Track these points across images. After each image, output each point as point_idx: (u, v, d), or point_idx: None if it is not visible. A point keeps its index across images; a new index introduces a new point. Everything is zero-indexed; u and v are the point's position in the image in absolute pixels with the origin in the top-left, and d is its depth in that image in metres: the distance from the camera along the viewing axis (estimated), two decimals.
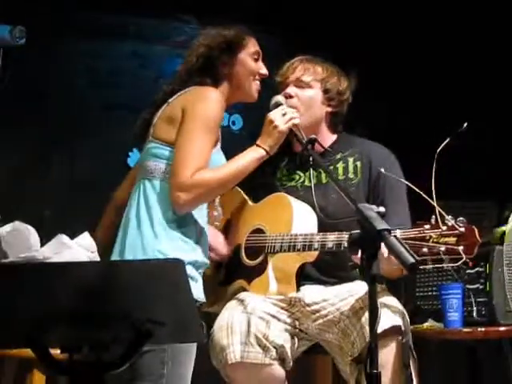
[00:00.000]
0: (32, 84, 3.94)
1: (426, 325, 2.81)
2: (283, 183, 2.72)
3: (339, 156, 2.70)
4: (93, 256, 1.68)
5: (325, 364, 2.78)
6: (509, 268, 2.61)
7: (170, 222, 2.29)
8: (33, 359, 1.68)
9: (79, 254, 1.64)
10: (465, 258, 2.17)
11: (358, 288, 2.47)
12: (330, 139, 2.74)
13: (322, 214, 2.55)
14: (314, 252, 2.49)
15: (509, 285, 2.61)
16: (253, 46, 2.53)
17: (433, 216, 2.21)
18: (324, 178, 2.65)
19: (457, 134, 2.27)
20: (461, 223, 2.20)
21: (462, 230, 2.18)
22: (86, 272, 1.56)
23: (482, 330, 2.64)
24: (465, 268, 2.73)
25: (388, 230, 1.83)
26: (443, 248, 2.19)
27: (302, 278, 2.57)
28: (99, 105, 4.19)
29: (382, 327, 2.30)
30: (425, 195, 2.18)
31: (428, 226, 2.23)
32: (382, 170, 2.50)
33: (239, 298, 2.55)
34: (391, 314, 2.42)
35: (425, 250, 2.21)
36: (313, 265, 2.57)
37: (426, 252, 2.21)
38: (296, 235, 2.48)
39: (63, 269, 1.56)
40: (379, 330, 2.23)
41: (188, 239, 2.31)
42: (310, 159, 2.43)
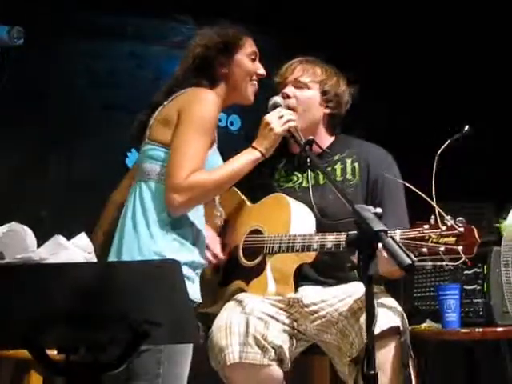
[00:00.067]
0: (32, 84, 3.93)
1: (423, 325, 2.80)
2: (281, 184, 2.72)
3: (337, 157, 2.70)
4: (89, 257, 1.68)
5: (322, 365, 2.79)
6: (506, 269, 2.60)
7: (165, 224, 2.28)
8: (30, 360, 1.68)
9: (76, 254, 1.64)
10: (464, 258, 2.18)
11: (357, 289, 2.47)
12: (327, 141, 2.74)
13: (320, 214, 2.55)
14: (312, 253, 2.49)
15: (506, 286, 2.61)
16: (250, 46, 2.51)
17: (432, 216, 2.22)
18: (322, 179, 2.64)
19: (459, 136, 2.27)
20: (460, 223, 2.20)
21: (462, 230, 2.19)
22: (83, 273, 1.56)
23: (480, 330, 2.64)
24: (464, 268, 2.73)
25: (385, 231, 1.83)
26: (443, 248, 2.19)
27: (301, 278, 2.57)
28: (98, 105, 4.19)
29: (380, 328, 2.30)
30: (424, 195, 2.18)
31: (427, 226, 2.23)
32: (383, 172, 2.50)
33: (237, 299, 2.55)
34: (389, 314, 2.42)
35: (424, 250, 2.22)
36: (311, 265, 2.57)
37: (426, 252, 2.22)
38: (294, 236, 2.48)
39: (60, 270, 1.56)
40: (377, 330, 2.25)
41: (184, 240, 2.30)
42: (308, 160, 2.43)
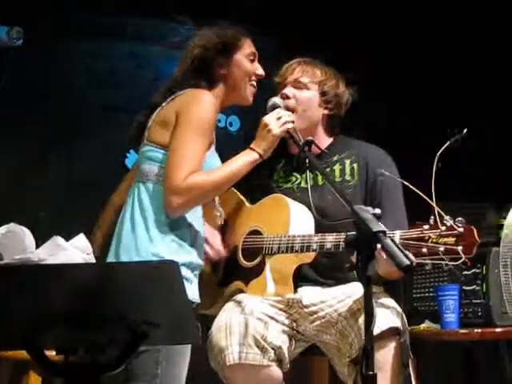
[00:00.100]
0: (32, 84, 3.93)
1: (422, 326, 2.81)
2: (280, 185, 2.72)
3: (336, 158, 2.70)
4: (88, 258, 1.68)
5: (321, 365, 2.78)
6: (505, 269, 2.60)
7: (163, 225, 2.29)
8: (28, 361, 1.68)
9: (74, 255, 1.64)
10: (464, 258, 2.18)
11: (356, 289, 2.46)
12: (326, 141, 2.74)
13: (319, 215, 2.54)
14: (311, 253, 2.49)
15: (505, 286, 2.61)
16: (248, 46, 2.51)
17: (432, 216, 2.22)
18: (320, 179, 2.64)
19: (457, 138, 2.28)
20: (459, 223, 2.20)
21: (461, 230, 2.19)
22: (82, 274, 1.56)
23: (479, 331, 2.65)
24: (462, 268, 2.73)
25: (383, 232, 1.83)
26: (442, 248, 2.19)
27: (300, 279, 2.57)
28: (98, 105, 4.19)
29: (379, 328, 2.30)
30: (424, 195, 2.18)
31: (427, 227, 2.23)
32: (383, 170, 2.50)
33: (237, 300, 2.54)
34: (389, 315, 2.41)
35: (424, 250, 2.22)
36: (310, 266, 2.57)
37: (426, 252, 2.22)
38: (294, 236, 2.48)
39: (58, 271, 1.56)
40: (377, 331, 2.25)
41: (182, 241, 2.31)
42: (307, 161, 2.43)
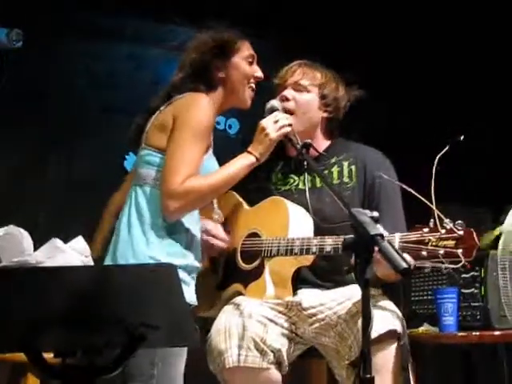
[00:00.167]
0: (32, 84, 3.93)
1: (421, 329, 2.80)
2: (278, 187, 2.72)
3: (334, 160, 2.69)
4: (86, 260, 1.69)
5: (320, 368, 2.77)
6: (503, 272, 2.60)
7: (160, 229, 2.29)
8: (26, 363, 1.68)
9: (72, 258, 1.64)
10: (464, 261, 2.18)
11: (355, 292, 2.45)
12: (324, 144, 2.74)
13: (317, 217, 2.54)
14: (310, 256, 2.49)
15: (503, 289, 2.60)
16: (246, 49, 2.51)
17: (431, 219, 2.22)
18: (318, 181, 2.64)
19: (454, 143, 2.28)
20: (459, 226, 2.20)
21: (461, 233, 2.18)
22: (79, 276, 1.56)
23: (477, 334, 2.64)
24: (461, 271, 2.73)
25: (381, 235, 1.83)
26: (442, 251, 2.19)
27: (299, 281, 2.57)
28: (98, 106, 4.19)
29: (378, 332, 2.30)
30: (423, 198, 2.18)
31: (427, 230, 2.23)
32: (381, 173, 2.50)
33: (236, 302, 2.54)
34: (387, 318, 2.41)
35: (424, 253, 2.21)
36: (309, 269, 2.57)
37: (425, 255, 2.21)
38: (293, 239, 2.47)
39: (56, 273, 1.56)
40: (375, 334, 2.25)
41: (179, 245, 2.31)
42: (305, 163, 2.43)
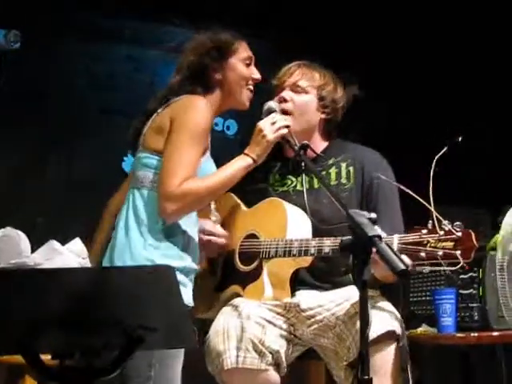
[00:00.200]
0: (32, 84, 3.94)
1: (419, 330, 2.81)
2: (275, 188, 2.71)
3: (332, 161, 2.69)
4: (84, 262, 1.69)
5: (318, 370, 2.77)
6: (501, 273, 2.60)
7: (158, 231, 2.29)
8: (24, 365, 1.69)
9: (70, 259, 1.65)
10: (462, 263, 2.18)
11: (353, 293, 2.44)
12: (322, 145, 2.73)
13: (315, 218, 2.54)
14: (308, 257, 2.48)
15: (501, 290, 2.61)
16: (244, 50, 2.50)
17: (430, 221, 2.22)
18: (316, 183, 2.63)
19: (452, 145, 2.28)
20: (458, 228, 2.20)
21: (459, 234, 2.19)
22: (77, 278, 1.56)
23: (475, 335, 2.64)
24: (459, 272, 2.73)
25: (379, 237, 1.83)
26: (441, 252, 2.19)
27: (297, 283, 2.56)
28: (97, 107, 4.20)
29: (376, 333, 2.30)
30: (421, 200, 2.18)
31: (425, 231, 2.23)
32: (379, 174, 2.50)
33: (234, 304, 2.54)
34: (386, 319, 2.41)
35: (422, 254, 2.21)
36: (307, 270, 2.56)
37: (424, 257, 2.21)
38: (291, 240, 2.47)
39: (54, 275, 1.57)
40: (374, 335, 2.25)
41: (176, 247, 2.31)
42: (302, 164, 2.42)
